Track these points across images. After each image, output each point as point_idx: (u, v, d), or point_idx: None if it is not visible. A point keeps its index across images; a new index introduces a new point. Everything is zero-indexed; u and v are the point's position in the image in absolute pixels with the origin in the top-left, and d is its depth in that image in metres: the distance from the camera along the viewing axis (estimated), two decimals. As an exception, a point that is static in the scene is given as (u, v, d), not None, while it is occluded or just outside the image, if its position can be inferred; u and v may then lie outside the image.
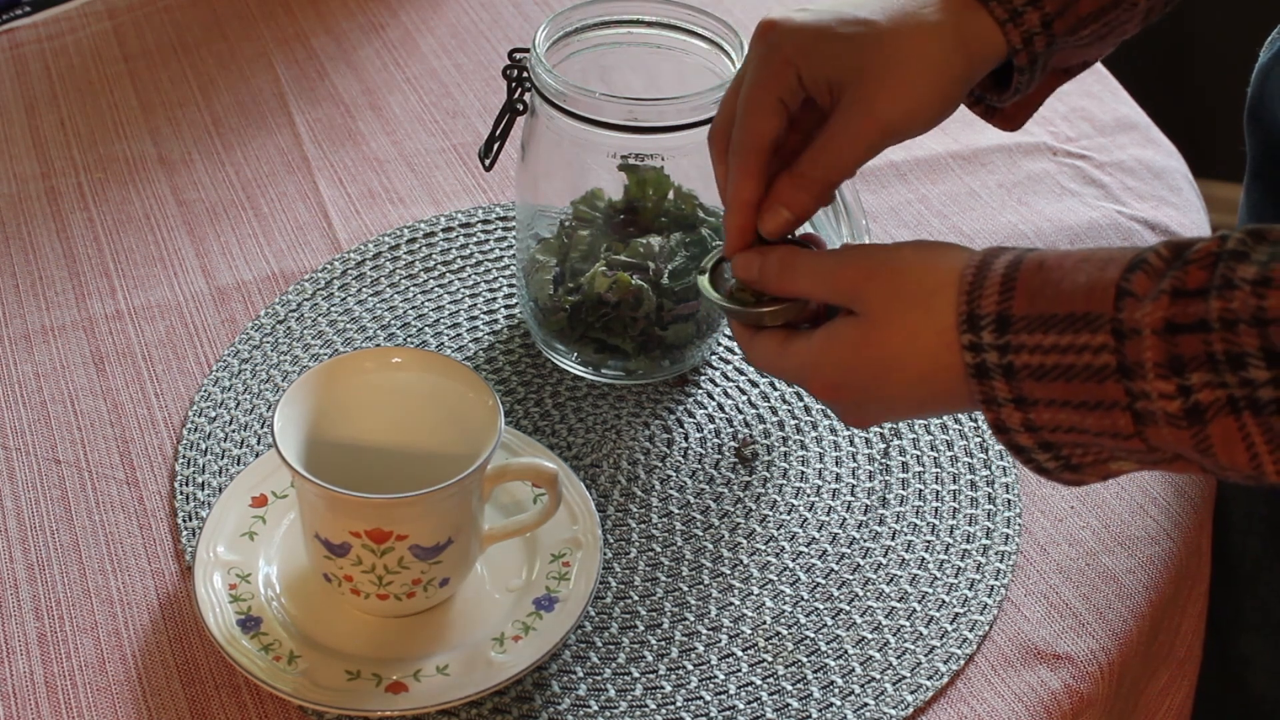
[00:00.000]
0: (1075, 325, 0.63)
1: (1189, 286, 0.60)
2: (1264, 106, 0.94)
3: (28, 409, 0.91)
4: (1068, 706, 0.79)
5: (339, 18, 1.23)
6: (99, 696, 0.77)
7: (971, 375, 0.65)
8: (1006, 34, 0.73)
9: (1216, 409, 0.59)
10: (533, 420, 0.91)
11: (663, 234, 0.91)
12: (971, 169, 1.10)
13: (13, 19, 1.21)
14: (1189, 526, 0.88)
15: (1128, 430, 0.62)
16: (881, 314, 0.68)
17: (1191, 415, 0.60)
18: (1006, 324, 0.64)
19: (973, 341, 0.65)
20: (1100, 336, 0.62)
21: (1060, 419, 0.64)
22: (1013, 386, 0.64)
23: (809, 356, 0.71)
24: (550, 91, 0.86)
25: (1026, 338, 0.64)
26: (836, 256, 0.71)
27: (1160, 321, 0.60)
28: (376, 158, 1.10)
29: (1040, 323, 0.64)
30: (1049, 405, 0.64)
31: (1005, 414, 0.65)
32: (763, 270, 0.73)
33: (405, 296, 0.99)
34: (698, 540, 0.85)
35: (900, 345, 0.68)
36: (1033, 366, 0.64)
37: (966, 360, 0.65)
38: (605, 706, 0.78)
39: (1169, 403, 0.60)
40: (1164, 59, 2.08)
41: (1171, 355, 0.60)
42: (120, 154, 1.10)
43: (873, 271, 0.69)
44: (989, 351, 0.65)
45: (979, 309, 0.65)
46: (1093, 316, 0.62)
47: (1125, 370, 0.61)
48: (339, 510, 0.74)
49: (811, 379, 0.72)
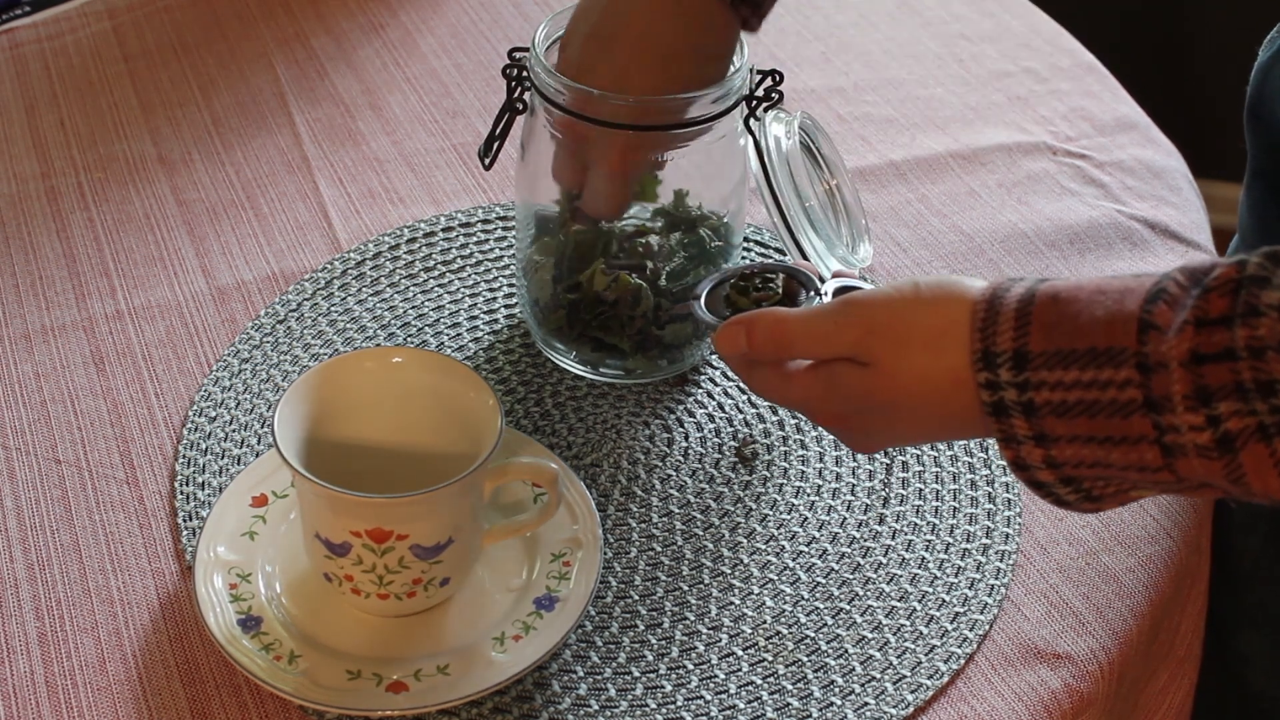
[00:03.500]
0: (1098, 360, 0.62)
1: (1211, 315, 0.59)
2: (1264, 105, 0.94)
3: (28, 409, 0.91)
4: (1068, 706, 0.79)
5: (339, 18, 1.23)
6: (99, 696, 0.77)
7: (988, 413, 0.64)
8: None
9: (1246, 437, 0.59)
10: (533, 420, 0.91)
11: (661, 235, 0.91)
12: (971, 168, 1.10)
13: (13, 19, 1.21)
14: (1189, 525, 0.88)
15: (1156, 463, 0.62)
16: (889, 363, 0.67)
17: (1222, 445, 0.59)
18: (1024, 361, 0.63)
19: (989, 379, 0.64)
20: (1125, 371, 0.61)
21: (1084, 455, 0.63)
22: (1033, 424, 0.64)
23: (813, 392, 0.70)
24: (550, 91, 0.86)
25: (1046, 374, 0.63)
26: (833, 316, 0.69)
27: (1186, 353, 0.59)
28: (376, 158, 1.10)
29: (1060, 358, 0.63)
30: (1071, 441, 0.63)
31: (1025, 451, 0.64)
32: (751, 343, 0.72)
33: (405, 296, 0.99)
34: (698, 540, 0.85)
35: (910, 388, 0.67)
36: (1054, 403, 0.63)
37: (983, 399, 0.64)
38: (606, 706, 0.78)
39: (1199, 434, 0.59)
40: (1164, 59, 2.08)
41: (1198, 386, 0.59)
42: (120, 154, 1.10)
43: (872, 324, 0.68)
44: (1007, 389, 0.64)
45: (994, 346, 0.64)
46: (1115, 351, 0.61)
47: (1152, 404, 0.60)
48: (339, 510, 0.74)
49: (816, 412, 0.71)
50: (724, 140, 0.88)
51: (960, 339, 0.65)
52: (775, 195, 0.86)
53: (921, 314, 0.67)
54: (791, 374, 0.71)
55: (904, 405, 0.68)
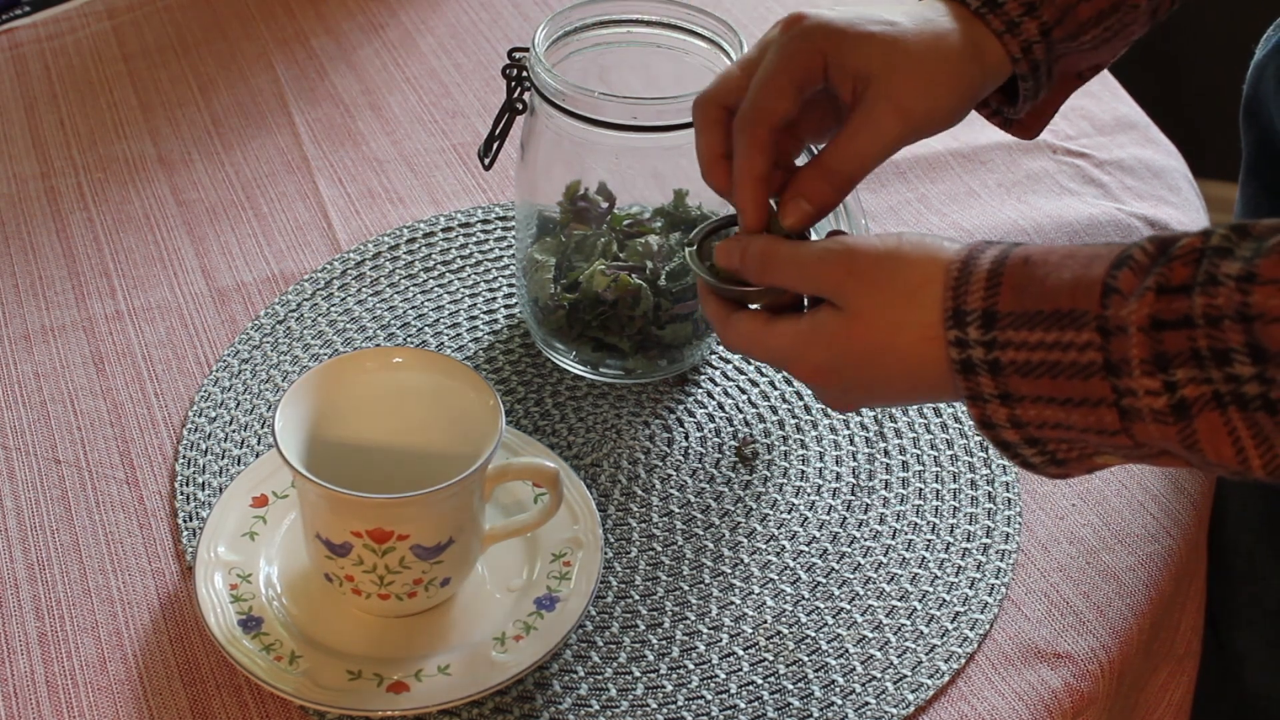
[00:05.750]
0: (1061, 322, 0.63)
1: (1173, 282, 0.60)
2: (1259, 103, 0.94)
3: (28, 409, 0.91)
4: (1068, 705, 0.79)
5: (339, 18, 1.23)
6: (100, 696, 0.77)
7: (957, 371, 0.66)
8: (1005, 44, 0.73)
9: (1202, 404, 0.60)
10: (533, 420, 0.91)
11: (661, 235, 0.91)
12: (971, 167, 1.10)
13: (13, 19, 1.21)
14: (1189, 523, 0.88)
15: (1114, 426, 0.62)
16: (864, 309, 0.68)
17: (1177, 411, 0.60)
18: (992, 320, 0.64)
19: (958, 337, 0.65)
20: (1086, 334, 0.62)
21: (1046, 415, 0.64)
22: (998, 382, 0.65)
23: (794, 341, 0.71)
24: (550, 91, 0.86)
25: (1013, 334, 0.64)
26: (818, 250, 0.71)
27: (1145, 318, 0.60)
28: (376, 158, 1.10)
29: (1026, 319, 0.64)
30: (1035, 401, 0.64)
31: (991, 409, 0.65)
32: (744, 260, 0.73)
33: (405, 296, 0.99)
34: (698, 539, 0.85)
35: (883, 339, 0.68)
36: (1019, 363, 0.64)
37: (952, 355, 0.66)
38: (607, 706, 0.78)
39: (1155, 399, 0.60)
40: (1163, 59, 2.08)
41: (1157, 352, 0.60)
42: (120, 154, 1.10)
43: (854, 267, 0.69)
44: (974, 347, 0.65)
45: (964, 304, 0.65)
46: (1078, 313, 0.62)
47: (1111, 367, 0.61)
48: (340, 510, 0.75)
49: (795, 362, 0.72)
50: (724, 140, 0.88)
51: (934, 296, 0.66)
52: (775, 195, 0.86)
53: (900, 267, 0.68)
54: (773, 320, 0.72)
55: (878, 358, 0.68)
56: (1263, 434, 0.59)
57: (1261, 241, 0.59)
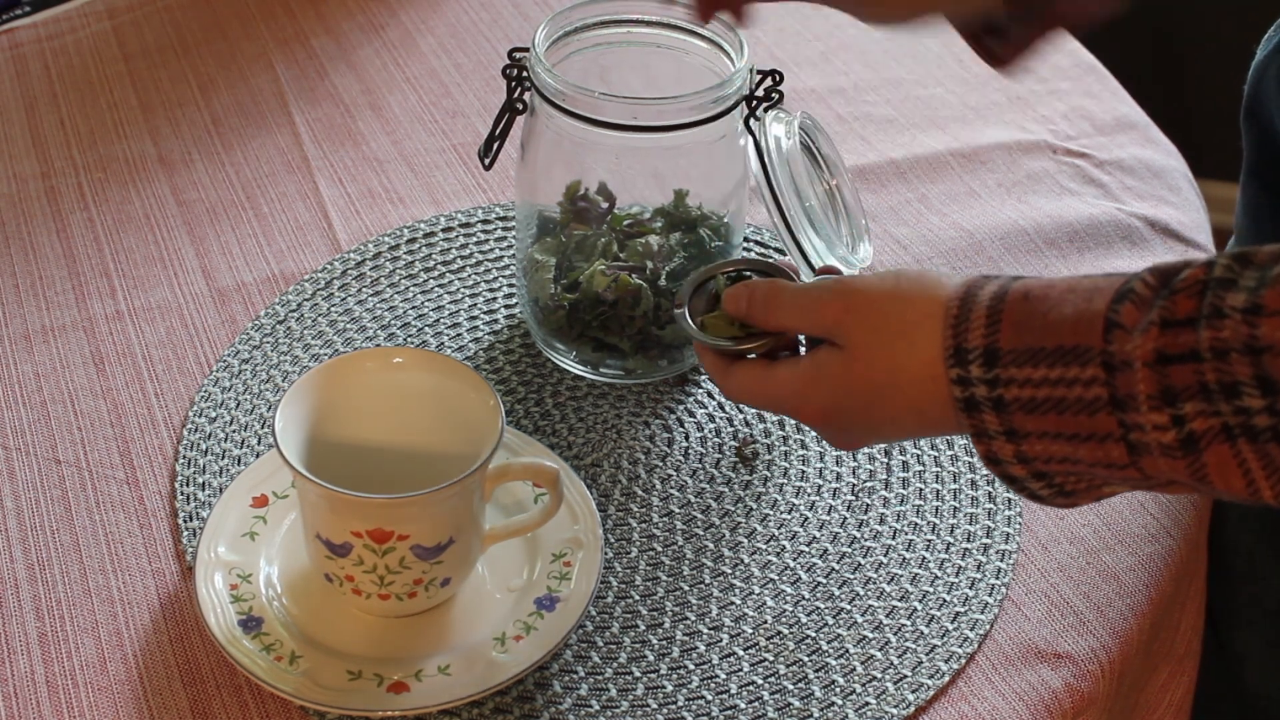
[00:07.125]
0: (1065, 358, 0.62)
1: (1178, 316, 0.60)
2: (1260, 104, 0.94)
3: (28, 409, 0.91)
4: (1068, 705, 0.79)
5: (339, 18, 1.23)
6: (100, 696, 0.77)
7: (960, 408, 0.65)
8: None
9: (1211, 437, 0.59)
10: (533, 420, 0.91)
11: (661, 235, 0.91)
12: (971, 167, 1.10)
13: (13, 19, 1.21)
14: (1189, 523, 0.88)
15: (1122, 461, 0.62)
16: (863, 348, 0.69)
17: (1186, 445, 0.60)
18: (995, 358, 0.64)
19: (961, 375, 0.65)
20: (1090, 370, 0.62)
21: (1053, 450, 0.64)
22: (1003, 419, 0.64)
23: (795, 383, 0.72)
24: (550, 91, 0.86)
25: (1015, 371, 0.64)
26: (817, 291, 0.71)
27: (1151, 353, 0.60)
28: (376, 158, 1.10)
29: (1029, 355, 0.63)
30: (1041, 437, 0.64)
31: (997, 446, 0.65)
32: (750, 304, 0.74)
33: (405, 296, 0.99)
34: (699, 539, 0.85)
35: (884, 378, 0.68)
36: (1023, 400, 0.63)
37: (955, 394, 0.65)
38: (607, 706, 0.78)
39: (1163, 434, 0.60)
40: (1163, 59, 2.08)
41: (1163, 386, 0.60)
42: (120, 154, 1.10)
43: (852, 305, 0.69)
44: (978, 385, 0.65)
45: (966, 342, 0.65)
46: (1082, 349, 0.62)
47: (1118, 403, 0.61)
48: (340, 510, 0.75)
49: (799, 406, 0.72)
50: (724, 140, 0.88)
51: (933, 334, 0.66)
52: (775, 195, 0.86)
53: (897, 306, 0.68)
54: (773, 366, 0.72)
55: (880, 397, 0.69)
56: (1273, 464, 0.59)
57: (1265, 271, 0.59)
